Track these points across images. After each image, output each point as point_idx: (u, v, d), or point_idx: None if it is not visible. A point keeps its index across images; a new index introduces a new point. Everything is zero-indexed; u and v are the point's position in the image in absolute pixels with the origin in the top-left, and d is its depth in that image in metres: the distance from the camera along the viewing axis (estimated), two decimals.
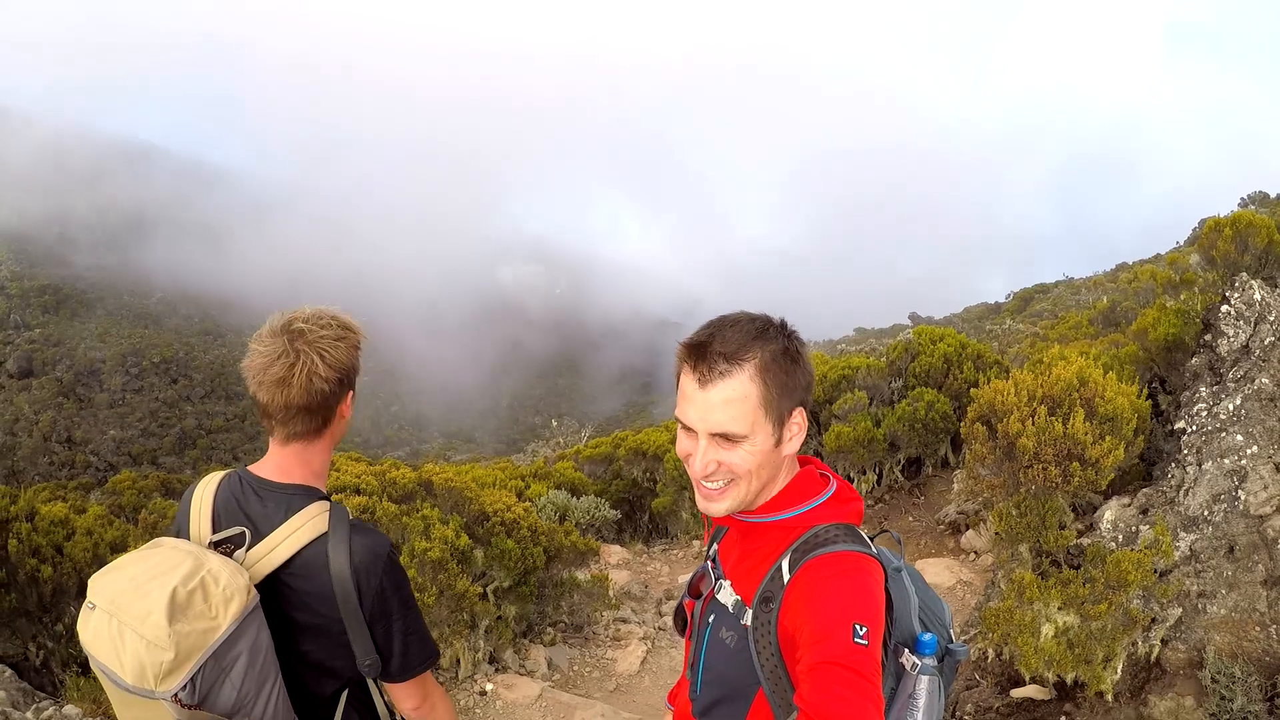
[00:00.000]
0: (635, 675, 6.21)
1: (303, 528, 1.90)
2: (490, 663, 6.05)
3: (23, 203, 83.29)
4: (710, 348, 1.57)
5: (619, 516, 10.77)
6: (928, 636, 1.60)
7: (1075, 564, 4.28)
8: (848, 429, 8.98)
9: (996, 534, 4.36)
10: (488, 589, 6.27)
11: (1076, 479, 4.08)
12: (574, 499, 10.31)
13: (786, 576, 1.54)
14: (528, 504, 7.39)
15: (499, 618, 6.27)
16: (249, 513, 1.93)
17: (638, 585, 8.26)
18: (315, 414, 1.93)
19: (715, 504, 1.64)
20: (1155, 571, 4.09)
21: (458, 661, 5.84)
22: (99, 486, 17.80)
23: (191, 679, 1.68)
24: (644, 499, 11.43)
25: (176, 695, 1.67)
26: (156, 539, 1.92)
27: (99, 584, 1.78)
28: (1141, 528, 4.27)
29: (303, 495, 1.95)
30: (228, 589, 1.74)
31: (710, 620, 1.72)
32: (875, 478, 9.32)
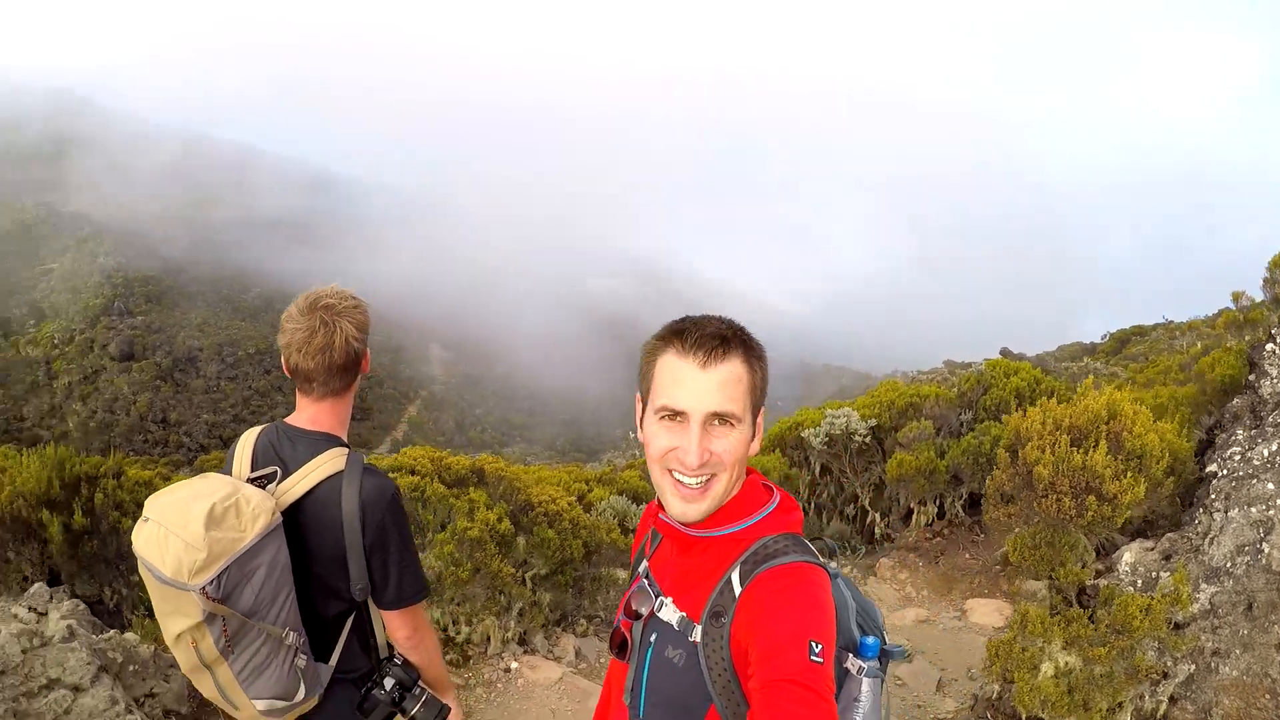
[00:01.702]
0: None
1: (322, 466, 2.28)
2: (520, 644, 6.28)
3: (132, 201, 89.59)
4: (706, 330, 1.60)
5: None
6: (870, 640, 1.62)
7: (1090, 604, 4.18)
8: (910, 457, 8.83)
9: (1010, 563, 4.31)
10: (526, 575, 6.51)
11: (1091, 513, 3.99)
12: (634, 505, 10.45)
13: (738, 589, 1.53)
14: (571, 499, 7.60)
15: (534, 603, 6.50)
16: (282, 455, 2.32)
17: None
18: (350, 371, 2.35)
19: (696, 505, 1.60)
20: (1171, 623, 3.95)
21: (488, 639, 6.10)
22: (188, 464, 19.10)
23: (218, 577, 2.02)
24: None
25: (204, 589, 2.00)
26: (205, 473, 2.30)
27: (153, 503, 2.13)
28: (1162, 574, 4.13)
29: (327, 441, 2.34)
30: (256, 509, 2.11)
31: (653, 640, 1.67)
32: (936, 510, 9.12)
